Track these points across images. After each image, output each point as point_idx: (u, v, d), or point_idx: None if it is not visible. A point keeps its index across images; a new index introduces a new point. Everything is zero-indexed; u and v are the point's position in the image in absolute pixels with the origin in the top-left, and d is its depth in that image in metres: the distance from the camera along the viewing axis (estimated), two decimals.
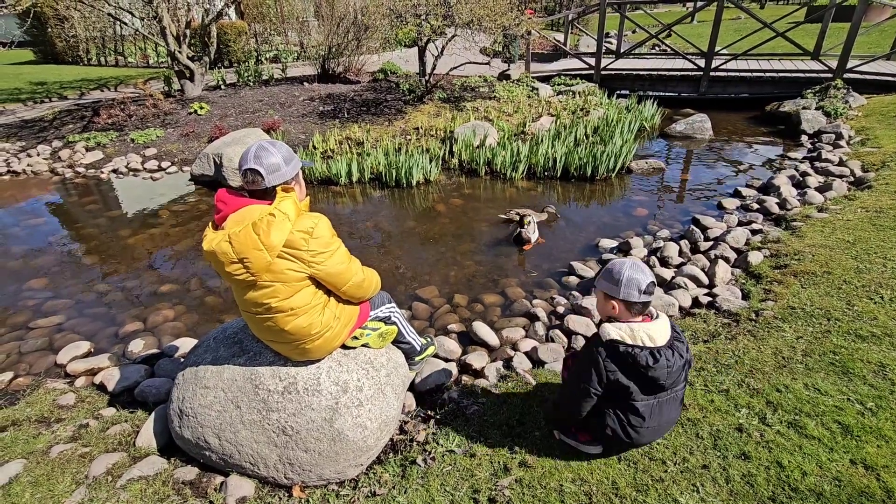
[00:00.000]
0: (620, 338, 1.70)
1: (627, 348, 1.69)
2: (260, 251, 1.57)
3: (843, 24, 9.71)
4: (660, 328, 1.73)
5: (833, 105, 6.87)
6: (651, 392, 1.75)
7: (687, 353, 1.77)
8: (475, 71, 9.02)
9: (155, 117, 7.71)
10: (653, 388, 1.73)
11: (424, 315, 3.30)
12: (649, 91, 8.80)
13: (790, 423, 1.99)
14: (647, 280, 1.71)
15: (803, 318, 2.67)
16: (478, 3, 6.78)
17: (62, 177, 6.29)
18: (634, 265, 1.74)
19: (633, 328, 1.70)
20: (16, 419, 2.39)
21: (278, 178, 1.65)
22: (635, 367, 1.68)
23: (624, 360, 1.69)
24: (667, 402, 1.78)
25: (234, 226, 1.59)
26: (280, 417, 1.89)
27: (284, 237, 1.59)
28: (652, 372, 1.68)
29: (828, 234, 3.57)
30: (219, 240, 1.59)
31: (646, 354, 1.68)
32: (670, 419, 1.83)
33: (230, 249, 1.58)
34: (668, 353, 1.69)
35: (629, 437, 1.78)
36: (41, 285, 3.84)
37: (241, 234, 1.57)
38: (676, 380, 1.75)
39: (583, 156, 5.54)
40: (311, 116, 7.40)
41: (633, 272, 1.72)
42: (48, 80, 11.66)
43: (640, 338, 1.69)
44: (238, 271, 1.61)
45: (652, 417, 1.77)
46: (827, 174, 4.93)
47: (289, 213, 1.61)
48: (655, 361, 1.67)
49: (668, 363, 1.68)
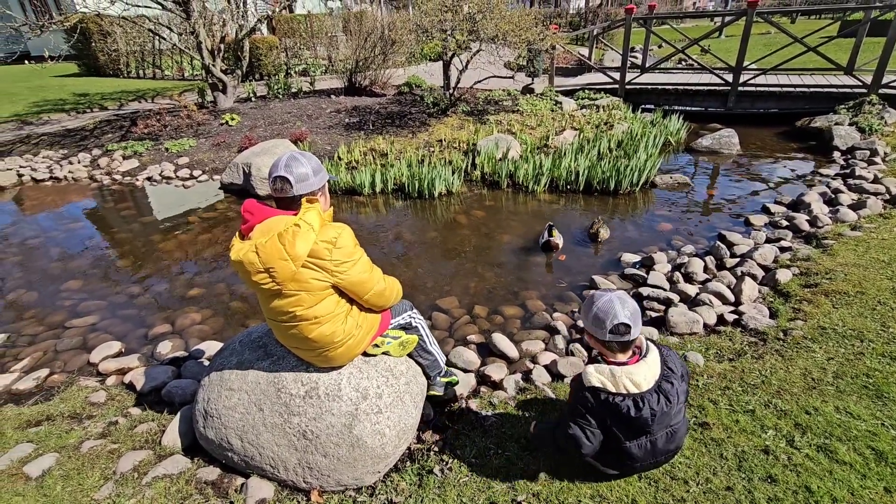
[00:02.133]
0: (602, 385, 1.63)
1: (608, 396, 1.61)
2: (285, 261, 1.61)
3: (878, 39, 9.47)
4: (644, 371, 1.64)
5: (867, 121, 6.68)
6: (639, 435, 1.67)
7: (680, 386, 1.68)
8: (499, 85, 9.10)
9: (188, 128, 8.00)
10: (640, 432, 1.66)
11: (444, 325, 3.32)
12: (675, 105, 8.71)
13: (820, 446, 1.92)
14: (618, 319, 1.58)
15: (835, 339, 2.58)
16: (503, 18, 6.87)
17: (100, 183, 6.57)
18: (612, 300, 1.62)
19: (614, 373, 1.62)
20: (50, 414, 2.49)
21: (306, 187, 1.70)
22: (617, 414, 1.62)
23: (606, 408, 1.63)
24: (662, 438, 1.70)
25: (260, 236, 1.64)
26: (301, 421, 1.92)
27: (309, 247, 1.63)
28: (635, 421, 1.61)
29: (861, 253, 3.46)
30: (246, 250, 1.64)
31: (627, 404, 1.60)
32: (668, 450, 1.74)
33: (257, 259, 1.62)
34: (652, 398, 1.61)
35: (626, 472, 1.77)
36: (77, 286, 4.00)
37: (268, 245, 1.61)
38: (668, 422, 1.67)
39: (606, 169, 5.51)
40: (337, 128, 7.57)
41: (607, 306, 1.61)
42: (90, 91, 12.24)
43: (622, 384, 1.60)
44: (264, 280, 1.66)
45: (645, 456, 1.70)
46: (861, 191, 4.78)
47: (313, 223, 1.65)
48: (638, 410, 1.59)
49: (653, 410, 1.60)
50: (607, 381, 1.62)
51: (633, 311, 1.62)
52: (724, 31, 17.48)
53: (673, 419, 1.69)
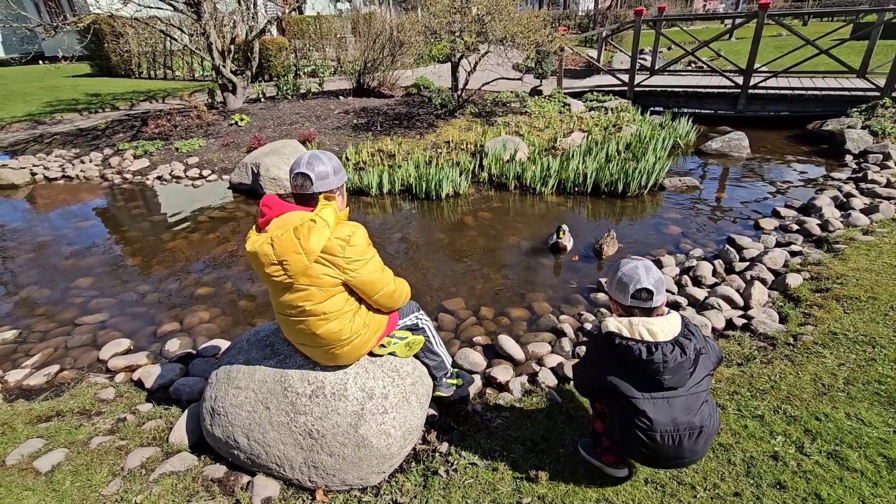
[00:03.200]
0: (618, 330, 1.63)
1: (623, 341, 1.61)
2: (299, 254, 1.64)
3: (892, 42, 9.36)
4: (663, 324, 1.63)
5: (881, 124, 6.59)
6: (651, 389, 1.62)
7: (697, 347, 1.63)
8: (507, 86, 9.09)
9: (198, 128, 8.08)
10: (652, 384, 1.61)
11: (450, 326, 3.31)
12: (684, 108, 8.65)
13: (830, 453, 1.90)
14: (641, 284, 1.59)
15: (846, 345, 2.55)
16: (512, 20, 6.87)
17: (111, 182, 6.64)
18: (637, 266, 1.64)
19: (632, 321, 1.64)
20: (60, 410, 2.51)
21: (325, 185, 1.73)
22: (629, 360, 1.60)
23: (619, 353, 1.62)
24: (679, 402, 1.62)
25: (276, 229, 1.67)
26: (307, 420, 1.93)
27: (323, 243, 1.66)
28: (647, 366, 1.58)
29: (873, 258, 3.42)
30: (261, 241, 1.67)
31: (640, 347, 1.59)
32: (690, 422, 1.62)
33: (271, 251, 1.65)
34: (666, 347, 1.59)
35: (645, 445, 1.63)
36: (88, 284, 4.05)
37: (283, 238, 1.64)
38: (683, 377, 1.61)
39: (614, 172, 5.48)
40: (345, 129, 7.61)
41: (631, 272, 1.62)
42: (102, 91, 12.40)
43: (637, 331, 1.61)
44: (277, 273, 1.68)
45: (662, 418, 1.60)
46: (873, 196, 4.72)
47: (329, 220, 1.68)
48: (650, 354, 1.58)
49: (665, 356, 1.57)
50: (623, 327, 1.63)
51: (657, 279, 1.63)
52: (735, 33, 17.35)
53: (688, 380, 1.61)
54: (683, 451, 1.64)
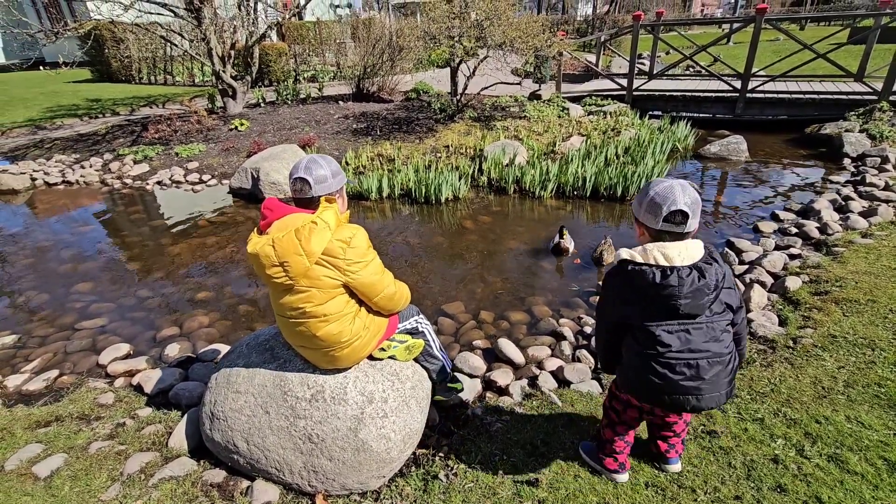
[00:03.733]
0: (630, 257, 1.52)
1: (635, 266, 1.50)
2: (300, 256, 1.65)
3: (889, 46, 9.40)
4: (680, 248, 1.48)
5: (878, 128, 6.62)
6: (668, 317, 1.51)
7: (719, 274, 1.48)
8: (506, 91, 9.12)
9: (198, 133, 8.09)
10: (668, 311, 1.49)
11: (450, 330, 3.31)
12: (682, 112, 8.68)
13: (830, 456, 1.90)
14: (676, 205, 1.43)
15: (845, 348, 2.55)
16: (510, 25, 6.90)
17: (111, 187, 6.65)
18: (669, 186, 1.46)
19: (646, 248, 1.51)
20: (59, 415, 2.51)
21: (324, 189, 1.76)
22: (642, 286, 1.49)
23: (631, 280, 1.51)
24: (699, 331, 1.51)
25: (277, 231, 1.69)
26: (307, 425, 1.93)
27: (324, 244, 1.67)
28: (661, 290, 1.45)
29: (872, 260, 3.42)
30: (263, 243, 1.68)
31: (653, 271, 1.47)
32: (710, 349, 1.51)
33: (272, 253, 1.66)
34: (682, 270, 1.45)
35: (660, 376, 1.52)
36: (87, 289, 4.04)
37: (284, 240, 1.65)
38: (702, 304, 1.48)
39: (613, 176, 5.50)
40: (344, 133, 7.63)
41: (666, 192, 1.45)
42: (103, 97, 12.43)
43: (652, 256, 1.48)
44: (278, 274, 1.69)
45: (680, 345, 1.50)
46: (872, 199, 4.73)
47: (330, 222, 1.69)
48: (665, 278, 1.45)
49: (681, 278, 1.44)
50: (637, 254, 1.52)
51: (693, 199, 1.46)
52: (732, 37, 17.44)
53: (706, 309, 1.51)
54: (703, 382, 1.51)
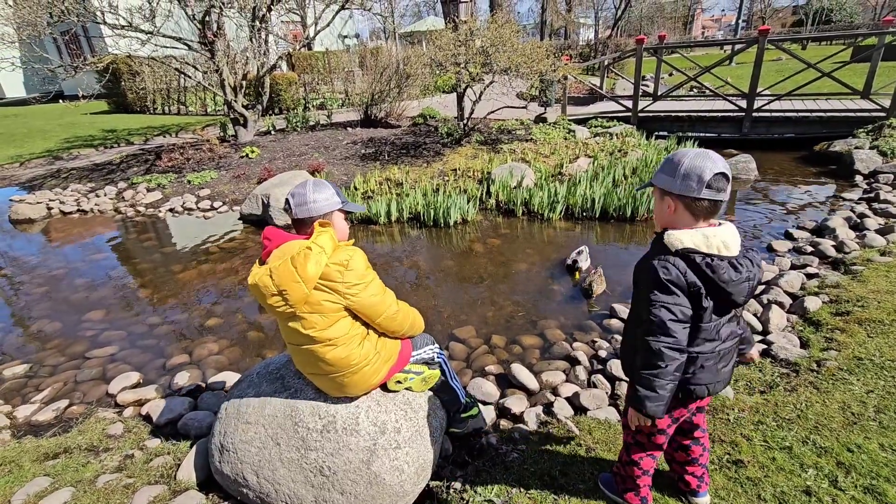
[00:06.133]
0: (695, 245, 1.34)
1: (706, 259, 1.34)
2: (297, 283, 1.64)
3: (893, 63, 9.43)
4: (733, 232, 1.40)
5: (889, 144, 6.57)
6: (721, 313, 1.43)
7: (756, 270, 1.42)
8: (512, 114, 9.23)
9: (210, 160, 8.25)
10: (727, 303, 1.41)
11: (462, 356, 3.26)
12: (689, 132, 8.71)
13: (866, 488, 1.80)
14: (717, 168, 1.32)
15: (872, 371, 2.46)
16: (515, 51, 7.03)
17: (124, 215, 6.75)
18: (700, 154, 1.36)
19: (706, 234, 1.35)
20: (67, 447, 2.47)
21: (303, 211, 1.76)
22: (715, 282, 1.35)
23: (702, 274, 1.35)
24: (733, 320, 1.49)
25: (275, 260, 1.69)
26: (318, 457, 1.88)
27: (320, 269, 1.66)
28: (731, 286, 1.35)
29: (894, 279, 3.34)
30: (261, 274, 1.68)
31: (726, 265, 1.34)
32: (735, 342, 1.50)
33: (270, 283, 1.66)
34: (747, 263, 1.38)
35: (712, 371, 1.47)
36: (99, 317, 4.05)
37: (281, 268, 1.65)
38: (747, 298, 1.43)
39: (622, 196, 5.48)
40: (353, 159, 7.72)
41: (697, 160, 1.34)
42: (118, 127, 12.77)
43: (716, 245, 1.35)
44: (278, 303, 1.68)
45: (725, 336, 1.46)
46: (888, 216, 4.66)
47: (325, 246, 1.69)
48: (738, 273, 1.35)
49: (749, 273, 1.38)
50: (700, 242, 1.35)
51: (726, 163, 1.37)
52: (735, 58, 17.61)
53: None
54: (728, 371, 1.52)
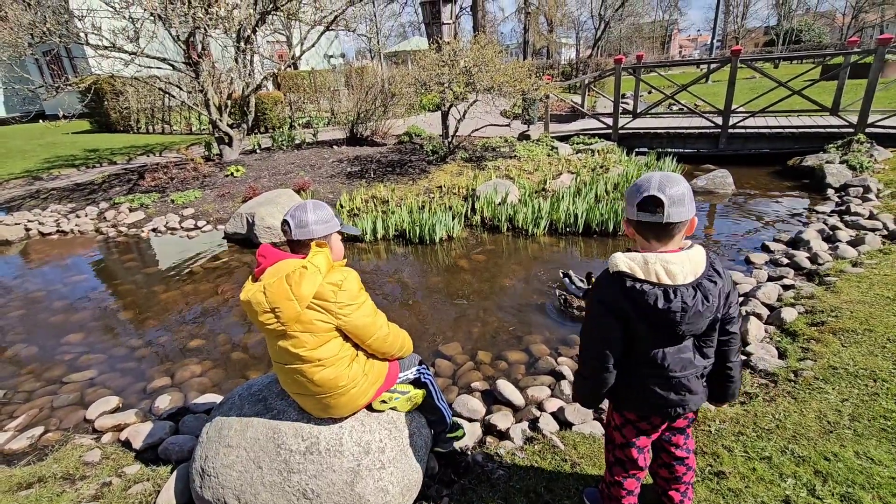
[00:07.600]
0: (630, 270, 1.34)
1: (636, 284, 1.33)
2: (291, 301, 1.64)
3: (860, 81, 9.84)
4: (683, 262, 1.34)
5: (858, 159, 6.83)
6: (668, 341, 1.41)
7: (724, 293, 1.40)
8: (496, 132, 9.38)
9: (195, 179, 8.20)
10: (668, 335, 1.39)
11: (448, 372, 3.26)
12: (668, 148, 8.94)
13: (843, 495, 1.84)
14: (649, 191, 1.30)
15: (847, 380, 2.53)
16: (498, 71, 7.19)
17: (105, 236, 6.65)
18: (653, 175, 1.33)
19: (647, 259, 1.34)
20: (42, 476, 2.40)
21: (303, 234, 1.77)
22: (643, 307, 1.34)
23: (632, 300, 1.34)
24: (688, 350, 1.46)
25: (269, 277, 1.69)
26: (301, 479, 1.86)
27: (315, 289, 1.67)
28: (662, 316, 1.33)
29: (865, 289, 3.44)
30: (254, 290, 1.69)
31: (656, 293, 1.32)
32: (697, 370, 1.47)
33: (263, 299, 1.66)
34: (687, 292, 1.32)
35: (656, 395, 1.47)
36: (78, 339, 3.97)
37: (275, 285, 1.65)
38: (700, 327, 1.39)
39: (604, 212, 5.58)
40: (339, 177, 7.75)
41: (643, 179, 1.33)
42: (100, 147, 12.64)
43: (653, 271, 1.32)
44: (270, 321, 1.68)
45: (674, 365, 1.44)
46: (858, 227, 4.82)
47: (320, 266, 1.70)
48: (668, 302, 1.31)
49: (685, 303, 1.32)
50: (637, 266, 1.34)
51: (678, 192, 1.30)
52: (711, 77, 18.17)
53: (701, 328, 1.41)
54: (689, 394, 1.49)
